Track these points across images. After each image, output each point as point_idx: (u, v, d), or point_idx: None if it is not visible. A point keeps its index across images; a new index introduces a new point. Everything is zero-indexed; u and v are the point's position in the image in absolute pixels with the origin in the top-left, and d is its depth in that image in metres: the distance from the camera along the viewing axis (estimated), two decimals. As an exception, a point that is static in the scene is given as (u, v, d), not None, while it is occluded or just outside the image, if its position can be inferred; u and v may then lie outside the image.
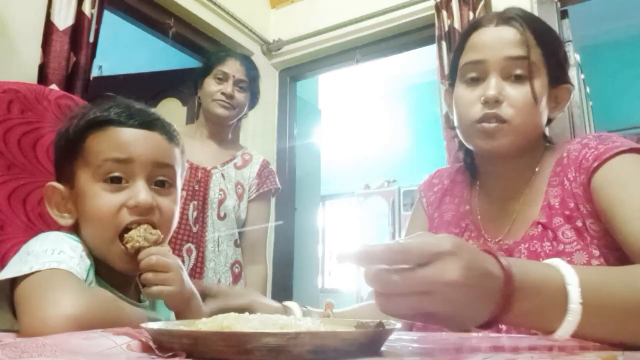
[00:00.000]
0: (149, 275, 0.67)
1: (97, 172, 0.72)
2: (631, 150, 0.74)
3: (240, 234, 1.79)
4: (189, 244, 1.65)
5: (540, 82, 0.80)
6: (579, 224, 0.77)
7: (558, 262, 0.52)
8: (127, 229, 0.70)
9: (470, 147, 0.86)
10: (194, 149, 1.77)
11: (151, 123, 0.77)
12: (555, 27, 2.21)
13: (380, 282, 0.46)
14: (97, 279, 0.71)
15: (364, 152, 5.62)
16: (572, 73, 2.25)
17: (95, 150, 0.73)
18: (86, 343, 0.43)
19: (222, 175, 1.75)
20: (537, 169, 0.85)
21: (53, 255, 0.63)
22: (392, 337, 0.50)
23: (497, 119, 0.79)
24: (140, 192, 0.71)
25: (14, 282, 0.62)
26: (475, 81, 0.82)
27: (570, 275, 0.50)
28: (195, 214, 1.68)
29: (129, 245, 0.69)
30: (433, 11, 2.35)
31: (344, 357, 0.39)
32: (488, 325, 0.49)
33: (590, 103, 3.03)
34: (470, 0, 2.22)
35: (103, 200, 0.71)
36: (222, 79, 1.75)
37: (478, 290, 0.46)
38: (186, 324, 0.52)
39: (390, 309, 0.47)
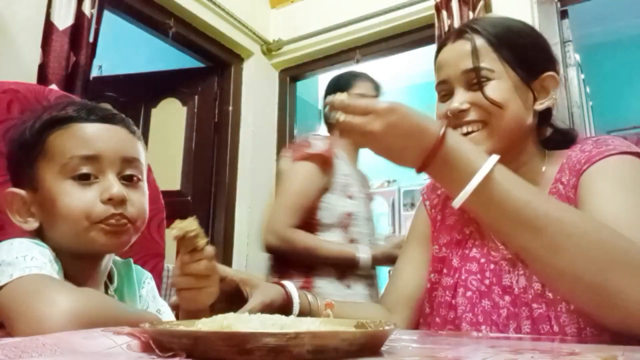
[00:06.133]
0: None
1: (64, 170, 0.70)
2: (622, 153, 0.75)
3: None
4: None
5: (504, 84, 0.80)
6: None
7: (494, 156, 0.64)
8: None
9: None
10: None
11: (112, 117, 0.76)
12: (555, 27, 2.21)
13: (342, 105, 0.65)
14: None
15: (364, 152, 5.61)
16: (572, 73, 2.26)
17: (59, 148, 0.71)
18: (86, 343, 0.43)
19: None
20: (540, 179, 0.84)
21: (26, 262, 0.62)
22: (392, 337, 0.51)
23: (472, 122, 0.80)
24: (113, 185, 0.70)
25: None
26: (447, 97, 0.85)
27: (488, 164, 0.63)
28: None
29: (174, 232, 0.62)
30: (433, 11, 2.35)
31: (344, 357, 0.39)
32: (420, 169, 0.65)
33: (590, 103, 3.03)
34: (470, 0, 2.22)
35: (74, 196, 0.69)
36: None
37: (402, 143, 0.64)
38: (186, 324, 0.52)
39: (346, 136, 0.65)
